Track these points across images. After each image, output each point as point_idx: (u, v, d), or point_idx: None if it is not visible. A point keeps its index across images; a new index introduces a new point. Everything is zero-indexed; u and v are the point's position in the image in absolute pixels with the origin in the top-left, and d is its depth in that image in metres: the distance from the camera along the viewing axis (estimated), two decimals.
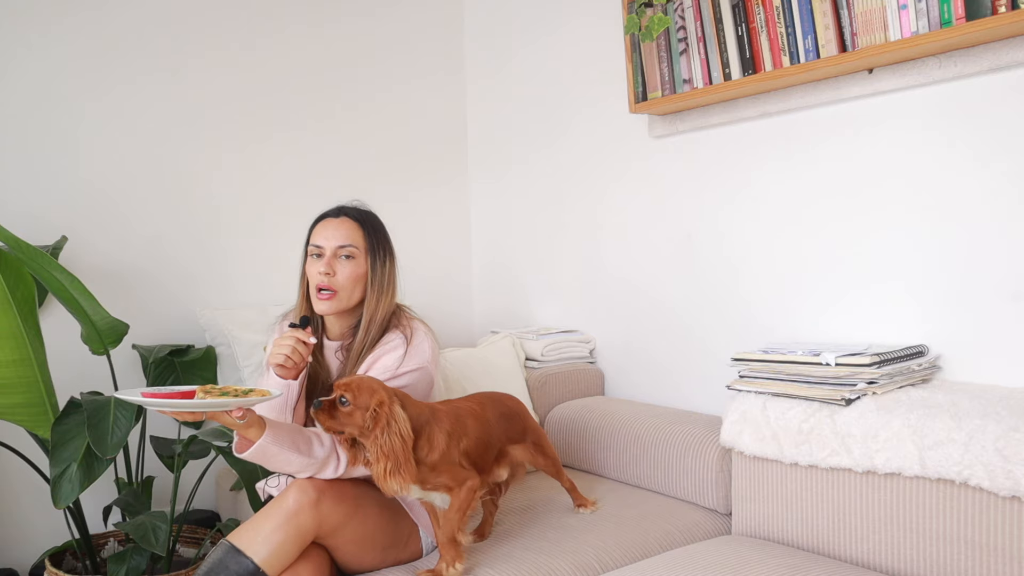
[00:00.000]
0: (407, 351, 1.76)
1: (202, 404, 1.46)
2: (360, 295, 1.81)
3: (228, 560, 1.55)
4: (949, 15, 1.68)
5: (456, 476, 1.64)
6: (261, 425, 1.57)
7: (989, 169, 1.79)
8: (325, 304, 1.77)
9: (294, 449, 1.60)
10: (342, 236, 1.79)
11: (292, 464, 1.61)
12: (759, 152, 2.22)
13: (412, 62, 3.06)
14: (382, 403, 1.54)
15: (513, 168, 3.03)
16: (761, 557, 1.67)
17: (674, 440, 2.12)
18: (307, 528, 1.58)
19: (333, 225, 1.81)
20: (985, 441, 1.50)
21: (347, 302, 1.79)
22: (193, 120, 2.58)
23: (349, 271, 1.78)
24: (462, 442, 1.67)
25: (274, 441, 1.57)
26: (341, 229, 1.79)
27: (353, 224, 1.81)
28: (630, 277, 2.60)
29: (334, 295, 1.77)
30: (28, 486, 2.27)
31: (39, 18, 2.33)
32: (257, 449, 1.57)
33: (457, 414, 1.71)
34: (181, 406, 1.46)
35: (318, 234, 1.81)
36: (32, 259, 1.92)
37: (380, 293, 1.80)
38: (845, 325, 2.05)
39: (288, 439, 1.60)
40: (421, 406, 1.65)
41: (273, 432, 1.58)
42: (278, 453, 1.58)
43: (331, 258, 1.78)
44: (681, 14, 2.19)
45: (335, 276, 1.77)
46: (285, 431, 1.61)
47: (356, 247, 1.79)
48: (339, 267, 1.77)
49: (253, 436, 1.56)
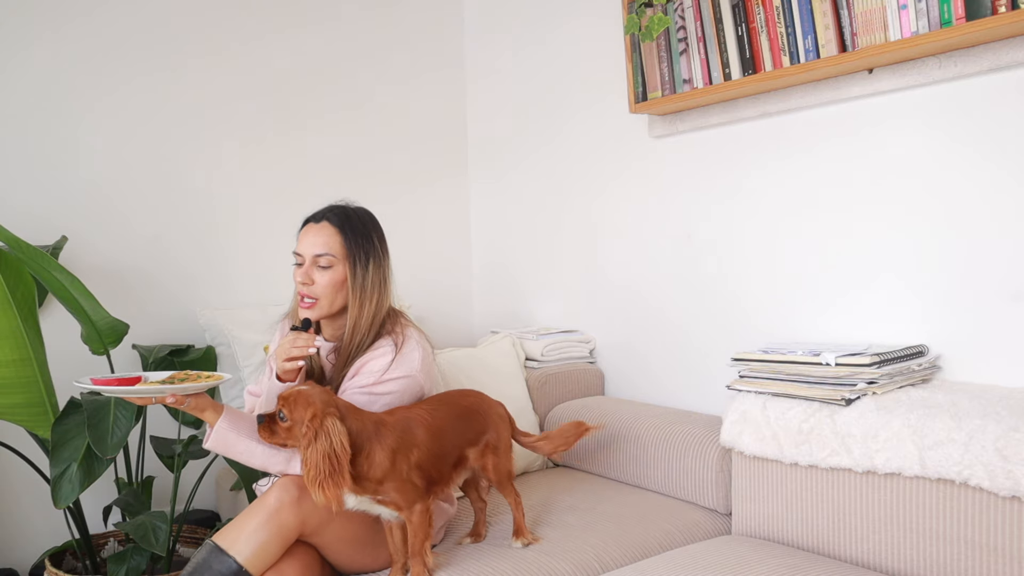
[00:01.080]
0: (395, 358, 1.75)
1: (136, 390, 1.55)
2: (343, 300, 1.79)
3: (212, 560, 1.55)
4: (949, 15, 1.68)
5: (406, 495, 1.59)
6: (218, 410, 1.60)
7: (989, 169, 1.79)
8: (307, 312, 1.77)
9: (254, 438, 1.61)
10: (319, 245, 1.76)
11: (255, 455, 1.61)
12: (759, 152, 2.22)
13: (412, 62, 3.06)
14: (315, 416, 1.50)
15: (513, 168, 3.03)
16: (761, 557, 1.67)
17: (674, 440, 2.12)
18: (289, 526, 1.58)
19: (312, 232, 1.78)
20: (985, 441, 1.50)
21: (328, 309, 1.78)
22: (193, 120, 2.58)
23: (327, 280, 1.75)
24: (412, 455, 1.61)
25: (231, 427, 1.59)
26: (319, 237, 1.77)
27: (332, 231, 1.77)
28: (630, 277, 2.60)
29: (315, 303, 1.76)
30: (28, 486, 2.27)
31: (40, 19, 2.33)
32: (216, 435, 1.59)
33: (405, 425, 1.64)
34: (123, 392, 1.55)
35: (300, 241, 1.80)
36: (32, 259, 1.92)
37: (363, 298, 1.77)
38: (845, 325, 2.05)
39: (247, 427, 1.61)
40: (366, 419, 1.59)
41: (229, 418, 1.60)
42: (237, 440, 1.60)
43: (309, 267, 1.76)
44: (681, 14, 2.19)
45: (313, 285, 1.76)
46: (245, 419, 1.62)
47: (333, 255, 1.76)
48: (317, 276, 1.75)
49: (212, 420, 1.60)
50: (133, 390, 1.55)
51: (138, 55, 2.48)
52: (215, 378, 1.61)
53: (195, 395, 1.58)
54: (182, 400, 1.56)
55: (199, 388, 1.57)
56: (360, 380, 1.74)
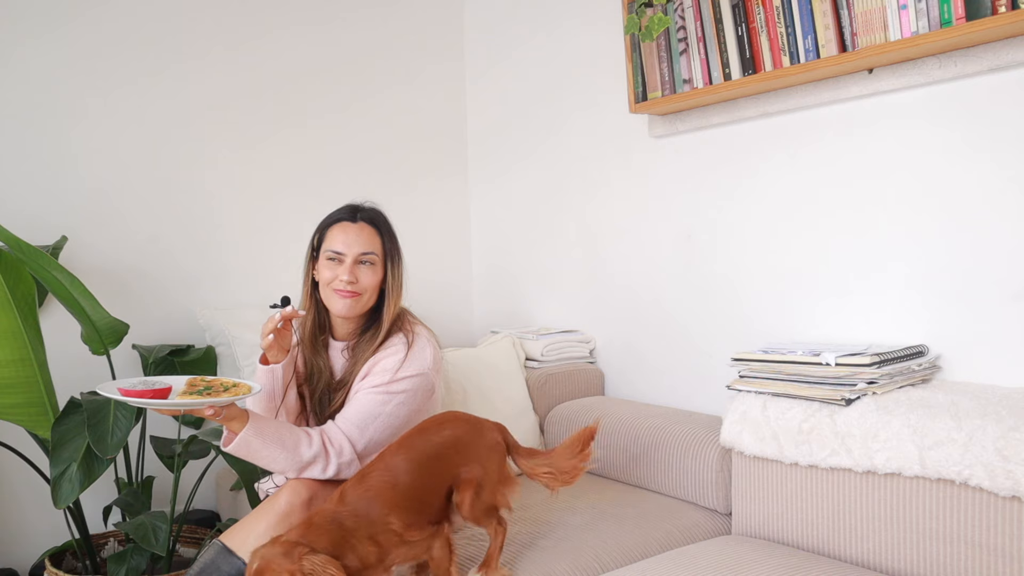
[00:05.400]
0: (407, 356, 1.76)
1: (175, 404, 1.49)
2: (375, 298, 1.83)
3: (220, 561, 1.55)
4: (949, 15, 1.68)
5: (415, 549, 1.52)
6: (244, 418, 1.58)
7: (989, 169, 1.79)
8: (347, 305, 1.78)
9: (278, 444, 1.60)
10: (364, 243, 1.79)
11: (277, 460, 1.61)
12: (759, 152, 2.22)
13: (412, 62, 3.06)
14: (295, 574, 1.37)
15: (513, 168, 3.03)
16: (761, 557, 1.66)
17: (674, 440, 2.12)
18: None
19: (354, 231, 1.80)
20: (985, 441, 1.50)
21: (366, 306, 1.82)
22: (193, 120, 2.58)
23: (370, 278, 1.79)
24: (392, 526, 1.49)
25: (257, 434, 1.58)
26: (362, 236, 1.80)
27: (372, 231, 1.82)
28: (630, 277, 2.60)
29: (358, 297, 1.78)
30: (28, 486, 2.27)
31: (39, 18, 2.33)
32: (240, 442, 1.58)
33: (363, 510, 1.49)
34: (157, 405, 1.50)
35: (335, 238, 1.80)
36: (32, 259, 1.92)
37: (395, 297, 1.83)
38: (845, 325, 2.05)
39: (272, 433, 1.60)
40: (326, 529, 1.45)
41: (256, 425, 1.59)
42: (261, 447, 1.59)
43: (353, 265, 1.78)
44: (681, 14, 2.19)
45: (358, 283, 1.78)
46: (270, 425, 1.61)
47: (376, 254, 1.80)
48: (360, 274, 1.78)
49: (236, 429, 1.58)
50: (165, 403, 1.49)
51: (138, 55, 2.48)
52: (244, 388, 1.57)
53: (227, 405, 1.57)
54: (219, 412, 1.53)
55: (233, 400, 1.54)
56: (373, 379, 1.74)
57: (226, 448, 1.61)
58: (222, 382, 1.61)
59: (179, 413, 1.57)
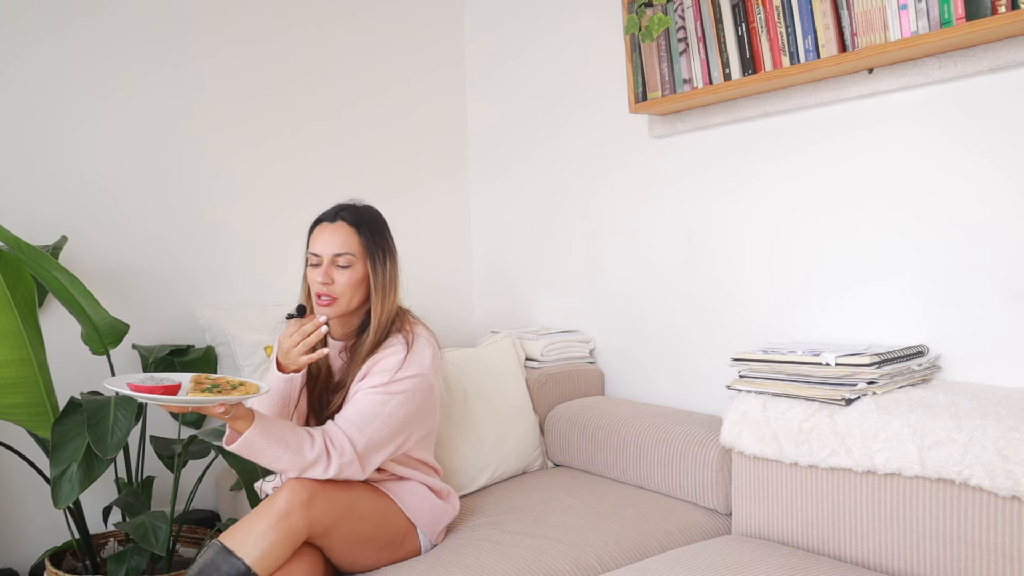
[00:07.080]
0: (407, 356, 1.76)
1: (186, 400, 1.50)
2: (361, 298, 1.81)
3: (219, 561, 1.55)
4: (949, 15, 1.68)
5: None
6: (249, 418, 1.58)
7: (989, 169, 1.79)
8: (325, 310, 1.78)
9: (282, 444, 1.60)
10: (338, 244, 1.77)
11: (280, 460, 1.61)
12: (759, 152, 2.22)
13: (412, 62, 3.06)
14: None
15: (513, 168, 3.03)
16: (761, 557, 1.67)
17: (674, 440, 2.12)
18: (299, 529, 1.58)
19: (329, 231, 1.79)
20: (985, 441, 1.50)
21: (347, 307, 1.79)
22: (193, 120, 2.58)
23: (347, 279, 1.77)
24: None
25: (262, 434, 1.58)
26: (337, 236, 1.78)
27: (349, 230, 1.79)
28: (630, 277, 2.60)
29: (333, 301, 1.77)
30: (28, 486, 2.27)
31: (41, 19, 2.33)
32: (244, 441, 1.58)
33: None
34: (167, 401, 1.50)
35: (315, 241, 1.80)
36: (32, 259, 1.92)
37: (384, 294, 1.80)
38: (845, 325, 2.05)
39: (277, 433, 1.61)
40: None
41: (261, 425, 1.59)
42: (265, 447, 1.59)
43: (328, 266, 1.77)
44: (681, 14, 2.19)
45: (333, 284, 1.77)
46: (274, 425, 1.62)
47: (353, 254, 1.78)
48: (336, 275, 1.77)
49: (241, 428, 1.58)
50: (176, 400, 1.51)
51: (139, 56, 2.48)
52: (251, 387, 1.59)
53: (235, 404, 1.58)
54: (229, 410, 1.55)
55: (243, 399, 1.55)
56: (372, 380, 1.74)
57: (229, 447, 1.61)
58: (228, 380, 1.61)
59: (187, 410, 1.57)
